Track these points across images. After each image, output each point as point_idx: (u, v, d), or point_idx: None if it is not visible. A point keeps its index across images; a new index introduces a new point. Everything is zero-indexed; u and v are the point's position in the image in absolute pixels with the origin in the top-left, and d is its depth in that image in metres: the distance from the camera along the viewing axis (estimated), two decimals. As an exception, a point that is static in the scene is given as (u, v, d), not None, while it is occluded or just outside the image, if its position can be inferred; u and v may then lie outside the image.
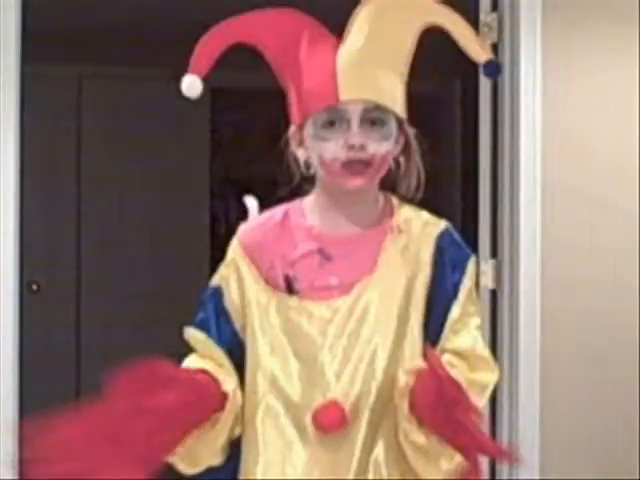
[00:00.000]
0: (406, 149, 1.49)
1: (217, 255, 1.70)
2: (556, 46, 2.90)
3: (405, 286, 1.47)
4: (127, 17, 4.36)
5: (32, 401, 2.75)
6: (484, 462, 1.44)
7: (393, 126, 1.44)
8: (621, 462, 2.90)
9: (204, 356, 1.50)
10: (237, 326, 1.51)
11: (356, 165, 1.41)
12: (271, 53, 1.47)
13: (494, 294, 2.96)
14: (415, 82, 1.50)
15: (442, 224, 1.53)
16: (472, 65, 1.53)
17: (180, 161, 5.00)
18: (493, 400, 2.89)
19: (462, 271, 1.50)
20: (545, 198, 2.90)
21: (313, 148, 1.44)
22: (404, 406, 1.37)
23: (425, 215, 1.54)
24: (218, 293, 1.53)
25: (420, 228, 1.51)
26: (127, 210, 5.02)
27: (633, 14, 2.88)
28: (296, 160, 1.50)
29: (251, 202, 1.68)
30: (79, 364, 5.00)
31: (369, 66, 1.43)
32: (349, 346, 1.44)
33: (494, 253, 2.97)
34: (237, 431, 1.49)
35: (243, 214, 1.69)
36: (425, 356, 1.39)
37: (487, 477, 2.70)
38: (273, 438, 1.45)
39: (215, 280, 1.55)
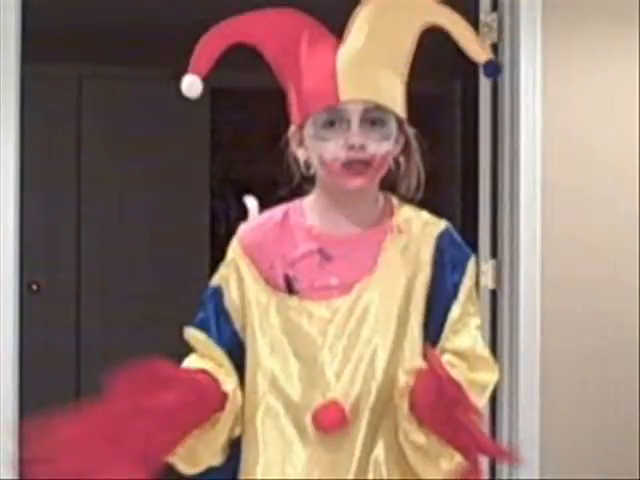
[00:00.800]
0: (406, 149, 1.49)
1: (217, 255, 1.70)
2: (556, 46, 2.90)
3: (405, 286, 1.47)
4: (127, 17, 4.36)
5: (32, 401, 2.75)
6: (484, 462, 1.44)
7: (393, 126, 1.44)
8: (621, 462, 2.90)
9: (204, 356, 1.50)
10: (237, 326, 1.51)
11: (356, 165, 1.41)
12: (271, 53, 1.47)
13: (494, 294, 2.96)
14: (415, 82, 1.50)
15: (442, 224, 1.53)
16: (472, 65, 1.53)
17: (180, 161, 5.00)
18: (493, 400, 2.89)
19: (462, 271, 1.50)
20: (545, 198, 2.90)
21: (313, 148, 1.44)
22: (404, 406, 1.37)
23: (425, 215, 1.54)
24: (218, 293, 1.53)
25: (420, 228, 1.51)
26: (127, 210, 5.03)
27: (633, 14, 2.88)
28: (296, 160, 1.50)
29: (251, 202, 1.68)
30: (79, 364, 5.00)
31: (369, 66, 1.43)
32: (349, 346, 1.44)
33: (494, 253, 2.97)
34: (237, 431, 1.49)
35: (243, 214, 1.69)
36: (425, 356, 1.39)
37: (487, 477, 2.70)
38: (273, 438, 1.45)
39: (215, 280, 1.55)
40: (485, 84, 2.93)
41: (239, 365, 1.50)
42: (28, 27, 2.82)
